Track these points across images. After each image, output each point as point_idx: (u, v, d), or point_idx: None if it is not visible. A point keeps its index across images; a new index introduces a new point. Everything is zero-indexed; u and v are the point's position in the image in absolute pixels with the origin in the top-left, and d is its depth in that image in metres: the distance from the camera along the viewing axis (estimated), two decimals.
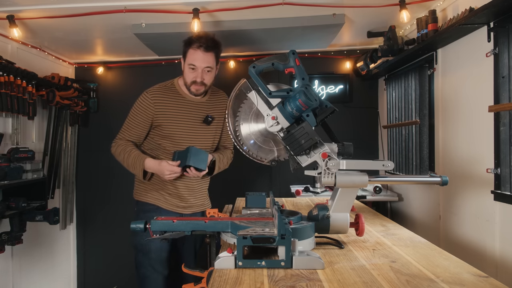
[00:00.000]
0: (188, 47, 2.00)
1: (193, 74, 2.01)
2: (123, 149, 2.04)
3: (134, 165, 2.02)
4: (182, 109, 2.09)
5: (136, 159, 2.01)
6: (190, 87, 2.05)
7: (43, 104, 3.34)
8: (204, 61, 1.98)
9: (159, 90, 2.08)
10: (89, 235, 3.92)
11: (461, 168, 2.29)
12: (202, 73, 2.00)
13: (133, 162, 2.02)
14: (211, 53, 1.99)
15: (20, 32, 2.66)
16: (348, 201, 1.32)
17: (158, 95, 2.07)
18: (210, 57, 2.00)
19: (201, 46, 1.96)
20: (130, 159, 2.02)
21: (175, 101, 2.09)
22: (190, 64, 1.99)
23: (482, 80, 2.08)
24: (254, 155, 1.36)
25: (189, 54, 2.00)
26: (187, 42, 2.01)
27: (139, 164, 2.00)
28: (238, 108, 1.35)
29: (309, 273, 1.09)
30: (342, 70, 3.80)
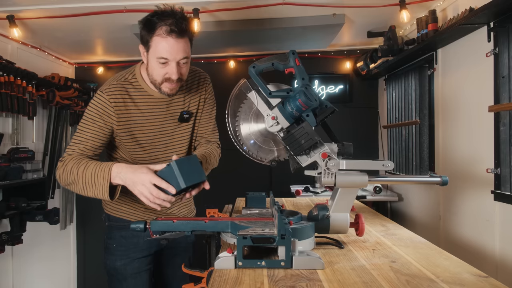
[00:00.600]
0: (152, 33, 1.38)
1: (164, 70, 1.42)
2: (75, 163, 1.41)
3: (95, 176, 1.37)
4: (151, 110, 1.56)
5: (98, 167, 1.38)
6: (161, 85, 1.46)
7: (43, 104, 3.34)
8: (180, 51, 1.40)
9: (119, 88, 1.50)
10: (89, 235, 3.92)
11: (461, 168, 2.29)
12: (177, 67, 1.42)
13: (93, 173, 1.37)
14: (185, 38, 1.41)
15: (20, 32, 2.66)
16: (348, 201, 1.32)
17: (118, 96, 1.49)
18: (185, 44, 1.41)
19: (172, 31, 1.36)
20: (88, 171, 1.38)
21: (140, 101, 1.54)
22: (159, 58, 1.40)
23: (482, 80, 2.08)
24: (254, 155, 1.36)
25: (155, 43, 1.39)
26: (148, 24, 1.39)
27: (102, 173, 1.36)
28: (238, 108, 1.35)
29: (309, 273, 1.09)
30: (342, 70, 3.80)
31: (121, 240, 1.64)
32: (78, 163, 1.42)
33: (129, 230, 1.53)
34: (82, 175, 1.38)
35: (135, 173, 1.33)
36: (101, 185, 1.36)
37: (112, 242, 1.65)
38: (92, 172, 1.37)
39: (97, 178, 1.36)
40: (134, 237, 1.63)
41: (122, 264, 1.63)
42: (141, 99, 1.55)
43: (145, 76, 1.53)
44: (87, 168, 1.39)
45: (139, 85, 1.54)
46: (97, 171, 1.37)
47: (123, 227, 1.64)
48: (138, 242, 1.63)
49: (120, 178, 1.36)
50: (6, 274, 2.89)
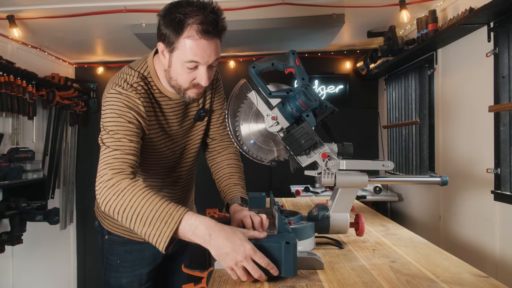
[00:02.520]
0: (179, 34, 1.15)
1: (192, 75, 1.22)
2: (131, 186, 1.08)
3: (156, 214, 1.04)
4: (172, 112, 1.37)
5: (166, 206, 1.05)
6: (187, 91, 1.27)
7: (43, 104, 3.34)
8: (212, 52, 1.19)
9: (142, 85, 1.27)
10: (89, 235, 3.92)
11: (461, 168, 2.29)
12: (208, 71, 1.23)
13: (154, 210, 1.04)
14: (218, 38, 1.20)
15: (20, 32, 2.66)
16: (348, 201, 1.32)
17: (144, 94, 1.27)
18: (217, 44, 1.20)
19: (206, 32, 1.14)
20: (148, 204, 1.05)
21: (162, 102, 1.34)
22: (188, 62, 1.18)
23: (482, 80, 2.08)
24: (254, 155, 1.36)
25: (182, 45, 1.16)
26: (174, 22, 1.15)
27: (168, 217, 1.03)
28: (238, 108, 1.35)
29: (309, 273, 1.09)
30: (342, 70, 3.80)
31: (126, 256, 1.50)
32: (136, 185, 1.08)
33: (133, 245, 1.46)
34: (138, 203, 1.05)
35: (231, 239, 1.00)
36: (160, 230, 1.02)
37: (115, 258, 1.51)
38: (154, 207, 1.04)
39: (159, 218, 1.03)
40: (140, 251, 1.50)
41: (129, 282, 1.49)
42: (163, 101, 1.34)
43: (160, 74, 1.31)
44: (149, 199, 1.05)
45: (155, 85, 1.32)
46: (162, 210, 1.03)
47: (127, 242, 1.48)
48: (144, 256, 1.51)
49: (197, 235, 1.02)
50: (6, 274, 2.89)
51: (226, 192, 1.46)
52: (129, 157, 1.15)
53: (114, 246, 1.51)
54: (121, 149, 1.15)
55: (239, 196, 1.41)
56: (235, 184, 1.46)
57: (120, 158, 1.13)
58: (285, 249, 1.01)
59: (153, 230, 1.03)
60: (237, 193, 1.43)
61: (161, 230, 1.02)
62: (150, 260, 1.53)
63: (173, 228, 1.02)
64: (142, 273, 1.52)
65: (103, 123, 1.20)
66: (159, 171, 1.45)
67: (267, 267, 0.99)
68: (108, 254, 1.53)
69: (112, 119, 1.18)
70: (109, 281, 1.52)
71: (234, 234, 1.02)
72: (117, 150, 1.14)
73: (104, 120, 1.20)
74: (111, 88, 1.23)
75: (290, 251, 1.01)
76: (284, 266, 1.01)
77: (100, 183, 1.11)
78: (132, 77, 1.26)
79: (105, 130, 1.18)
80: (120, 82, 1.24)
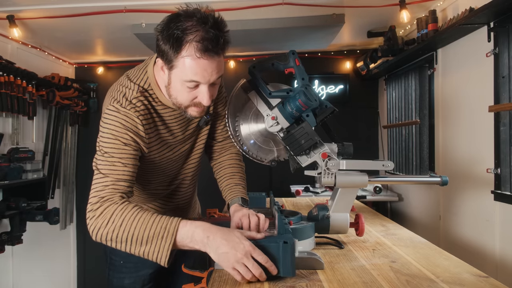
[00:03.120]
0: (178, 52, 1.07)
1: (192, 94, 1.15)
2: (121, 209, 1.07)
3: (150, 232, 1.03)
4: (176, 124, 1.32)
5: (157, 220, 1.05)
6: (187, 109, 1.20)
7: (43, 104, 3.34)
8: (214, 72, 1.11)
9: (142, 100, 1.21)
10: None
11: (461, 168, 2.29)
12: (210, 90, 1.15)
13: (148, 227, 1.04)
14: (221, 55, 1.12)
15: (20, 32, 2.66)
16: (348, 201, 1.32)
17: (145, 111, 1.21)
18: (220, 61, 1.13)
19: (207, 50, 1.06)
20: (140, 222, 1.04)
21: (165, 115, 1.28)
22: (188, 81, 1.11)
23: (482, 80, 2.08)
24: (254, 155, 1.36)
25: (181, 64, 1.08)
26: (172, 39, 1.06)
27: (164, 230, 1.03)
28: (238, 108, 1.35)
29: (309, 273, 1.09)
30: (342, 70, 3.80)
31: (129, 257, 1.41)
32: (124, 208, 1.07)
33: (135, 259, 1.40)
34: (130, 226, 1.04)
35: (229, 238, 1.01)
36: (158, 245, 1.02)
37: (119, 259, 1.50)
38: (147, 225, 1.03)
39: (154, 234, 1.02)
40: None
41: (132, 282, 1.48)
42: (166, 112, 1.27)
43: (162, 85, 1.23)
44: (140, 218, 1.04)
45: (157, 97, 1.25)
46: (156, 226, 1.03)
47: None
48: None
49: (195, 241, 1.02)
50: (6, 274, 2.89)
51: (227, 192, 1.46)
52: (120, 183, 1.13)
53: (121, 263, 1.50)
54: (113, 175, 1.13)
55: (240, 196, 1.41)
56: (236, 184, 1.46)
57: (110, 186, 1.12)
58: (283, 249, 1.01)
59: (151, 247, 1.03)
60: (238, 193, 1.43)
61: (160, 246, 1.02)
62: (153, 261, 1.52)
63: (171, 241, 1.02)
64: (145, 274, 1.52)
65: (99, 143, 1.17)
66: (163, 179, 1.44)
67: (266, 264, 0.99)
68: (112, 254, 1.53)
69: (109, 140, 1.15)
70: (112, 281, 1.52)
71: (231, 233, 1.03)
72: (108, 177, 1.12)
73: (100, 139, 1.17)
74: (109, 104, 1.18)
75: (288, 250, 1.01)
76: (282, 266, 1.01)
77: (89, 212, 1.11)
78: (131, 92, 1.20)
79: (101, 151, 1.16)
80: (119, 97, 1.19)
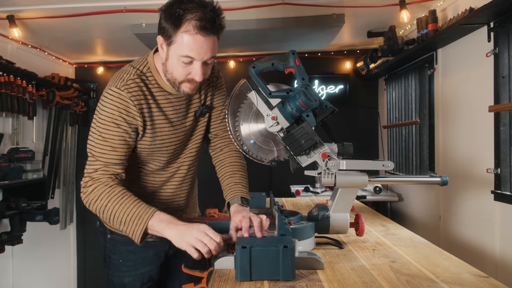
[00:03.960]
0: (177, 28, 1.19)
1: (187, 69, 1.25)
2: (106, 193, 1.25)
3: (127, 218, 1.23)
4: (173, 109, 1.39)
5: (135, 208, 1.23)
6: (181, 85, 1.29)
7: (43, 104, 3.34)
8: (208, 49, 1.22)
9: (138, 83, 1.31)
10: (89, 235, 3.92)
11: (461, 168, 2.29)
12: (203, 67, 1.25)
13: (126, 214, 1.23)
14: (215, 36, 1.23)
15: (20, 32, 2.66)
16: (348, 201, 1.32)
17: (139, 92, 1.30)
18: (214, 42, 1.24)
19: (203, 28, 1.17)
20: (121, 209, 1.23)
21: (162, 99, 1.36)
22: (184, 56, 1.22)
23: (482, 80, 2.08)
24: (254, 155, 1.36)
25: (179, 39, 1.20)
26: (173, 16, 1.19)
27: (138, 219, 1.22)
28: (238, 108, 1.35)
29: (309, 273, 1.09)
30: (342, 70, 3.80)
31: (128, 255, 1.51)
32: (109, 193, 1.25)
33: (136, 244, 1.42)
34: (113, 207, 1.24)
35: (188, 225, 1.20)
36: (133, 228, 1.23)
37: (118, 258, 1.52)
38: (126, 209, 1.23)
39: (131, 219, 1.22)
40: (143, 251, 1.50)
41: (131, 281, 1.51)
42: (162, 96, 1.36)
43: (160, 69, 1.33)
44: (123, 203, 1.24)
45: (155, 80, 1.35)
46: (134, 212, 1.22)
47: (129, 241, 1.42)
48: (147, 256, 1.52)
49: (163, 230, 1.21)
50: (6, 274, 2.89)
51: (227, 191, 1.46)
52: (110, 166, 1.29)
53: (116, 246, 1.52)
54: (103, 159, 1.29)
55: (240, 196, 1.41)
56: (236, 183, 1.46)
57: (100, 168, 1.29)
58: (283, 253, 1.02)
59: (128, 228, 1.23)
60: (238, 193, 1.42)
61: (134, 229, 1.22)
62: (152, 259, 1.54)
63: (143, 228, 1.21)
64: (145, 272, 1.52)
65: (93, 124, 1.31)
66: (160, 166, 1.46)
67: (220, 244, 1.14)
68: (111, 253, 1.53)
69: (103, 122, 1.29)
70: (111, 280, 1.54)
71: (190, 223, 1.21)
72: (99, 160, 1.29)
73: (94, 121, 1.31)
74: (108, 88, 1.30)
75: (288, 254, 1.02)
76: (282, 270, 1.02)
77: (82, 188, 1.30)
78: (128, 75, 1.31)
79: (94, 133, 1.31)
80: (116, 80, 1.31)
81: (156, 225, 1.21)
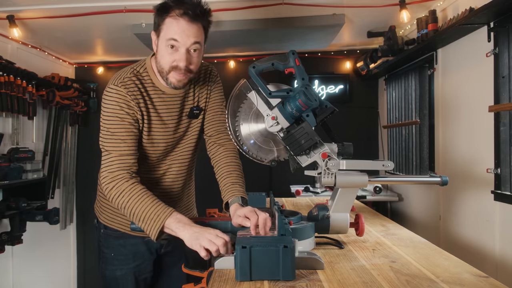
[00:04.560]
0: (164, 15, 1.31)
1: (172, 56, 1.33)
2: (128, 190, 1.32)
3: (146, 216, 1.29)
4: (167, 108, 1.46)
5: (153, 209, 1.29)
6: (169, 75, 1.36)
7: (43, 104, 3.34)
8: (191, 35, 1.30)
9: (134, 81, 1.39)
10: (89, 235, 3.92)
11: (461, 168, 2.29)
12: (187, 54, 1.32)
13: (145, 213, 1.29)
14: (199, 23, 1.33)
15: (20, 32, 2.66)
16: (348, 201, 1.32)
17: (135, 89, 1.39)
18: (198, 29, 1.33)
19: (185, 13, 1.29)
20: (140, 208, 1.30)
21: (156, 97, 1.43)
22: (169, 39, 1.30)
23: (482, 80, 2.08)
24: (254, 155, 1.36)
25: (166, 25, 1.31)
26: (162, 7, 1.32)
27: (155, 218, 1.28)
28: (238, 108, 1.35)
29: (309, 273, 1.09)
30: (342, 70, 3.80)
31: (119, 249, 1.56)
32: (130, 190, 1.31)
33: (127, 238, 1.54)
34: (133, 205, 1.30)
35: (202, 227, 1.24)
36: (150, 226, 1.28)
37: (110, 252, 1.57)
38: (145, 208, 1.29)
39: (149, 217, 1.28)
40: (134, 245, 1.55)
41: (123, 274, 1.56)
42: (156, 95, 1.44)
43: (156, 70, 1.42)
44: (143, 201, 1.30)
45: (150, 79, 1.43)
46: (152, 211, 1.28)
47: (122, 236, 1.56)
48: (138, 250, 1.56)
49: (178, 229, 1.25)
50: (6, 274, 2.89)
51: (225, 191, 1.47)
52: (124, 158, 1.35)
53: (109, 240, 1.58)
54: (116, 151, 1.35)
55: (240, 196, 1.42)
56: (233, 183, 1.47)
57: (115, 161, 1.34)
58: (283, 253, 1.02)
59: (145, 225, 1.28)
60: (236, 193, 1.43)
61: (151, 227, 1.27)
62: (144, 254, 1.58)
63: (159, 226, 1.26)
64: (136, 266, 1.56)
65: (101, 122, 1.39)
66: (153, 164, 1.50)
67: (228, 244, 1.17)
68: (104, 247, 1.59)
69: (108, 118, 1.37)
70: (104, 273, 1.59)
71: (204, 227, 1.24)
72: (112, 153, 1.35)
73: (101, 119, 1.39)
74: (107, 86, 1.39)
75: (288, 255, 1.02)
76: (282, 270, 1.02)
77: (104, 184, 1.35)
78: (125, 73, 1.40)
79: (103, 130, 1.38)
80: (114, 79, 1.40)
81: (173, 224, 1.26)
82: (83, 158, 3.88)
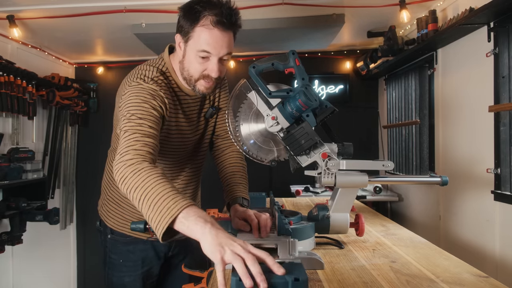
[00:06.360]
0: (195, 23, 1.21)
1: (203, 65, 1.26)
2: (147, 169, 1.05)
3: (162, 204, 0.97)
4: (190, 110, 1.43)
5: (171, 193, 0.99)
6: (197, 82, 1.30)
7: (43, 104, 3.34)
8: (224, 46, 1.24)
9: (163, 80, 1.32)
10: (89, 235, 3.92)
11: (461, 168, 2.29)
12: (219, 64, 1.27)
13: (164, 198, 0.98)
14: (231, 32, 1.27)
15: (20, 32, 2.66)
16: (348, 201, 1.32)
17: (165, 88, 1.31)
18: (230, 38, 1.27)
19: (219, 22, 1.20)
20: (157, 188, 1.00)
21: (181, 100, 1.39)
22: (201, 51, 1.23)
23: (482, 80, 2.08)
24: (254, 155, 1.36)
25: (197, 34, 1.22)
26: (191, 12, 1.22)
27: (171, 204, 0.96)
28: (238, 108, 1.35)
29: (309, 273, 1.09)
30: (342, 70, 3.80)
31: (128, 255, 1.52)
32: (151, 170, 1.04)
33: (137, 244, 1.49)
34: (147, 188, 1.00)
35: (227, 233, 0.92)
36: (161, 215, 0.96)
37: (118, 258, 1.53)
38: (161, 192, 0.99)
39: (161, 205, 0.97)
40: (143, 251, 1.52)
41: (132, 281, 1.51)
42: (182, 97, 1.38)
43: (177, 70, 1.35)
44: (160, 184, 1.00)
45: (174, 81, 1.36)
46: (167, 197, 0.97)
47: (131, 241, 1.49)
48: (147, 256, 1.53)
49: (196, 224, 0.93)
50: (6, 274, 2.89)
51: (228, 191, 1.47)
52: (149, 139, 1.13)
53: (117, 245, 1.51)
54: (141, 132, 1.14)
55: (241, 196, 1.41)
56: (236, 183, 1.47)
57: (141, 141, 1.12)
58: (293, 286, 0.81)
59: (155, 214, 0.97)
60: (238, 193, 1.43)
61: (158, 220, 0.96)
62: (153, 259, 1.55)
63: (168, 221, 0.94)
64: (145, 272, 1.53)
65: (125, 109, 1.19)
66: (169, 165, 1.47)
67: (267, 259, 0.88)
68: (111, 253, 1.53)
69: (136, 104, 1.19)
70: (111, 280, 1.53)
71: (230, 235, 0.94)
72: (137, 133, 1.13)
73: (126, 106, 1.19)
74: (132, 81, 1.26)
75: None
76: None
77: (120, 162, 1.08)
78: (151, 72, 1.30)
79: (126, 115, 1.17)
80: (140, 76, 1.27)
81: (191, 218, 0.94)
82: (83, 158, 3.88)
